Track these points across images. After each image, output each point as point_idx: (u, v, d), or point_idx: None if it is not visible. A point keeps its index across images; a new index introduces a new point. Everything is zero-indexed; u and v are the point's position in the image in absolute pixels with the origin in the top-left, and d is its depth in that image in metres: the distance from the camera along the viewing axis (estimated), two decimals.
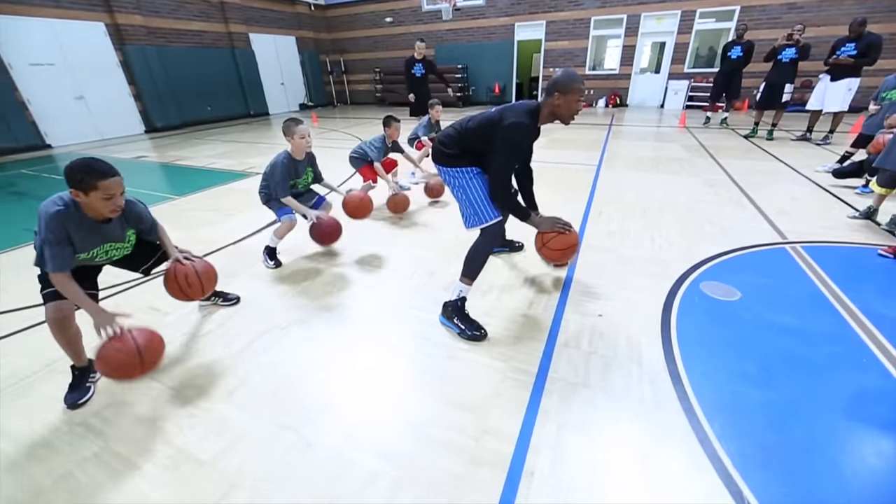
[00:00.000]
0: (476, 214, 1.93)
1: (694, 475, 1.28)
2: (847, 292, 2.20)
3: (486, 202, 1.93)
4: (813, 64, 6.69)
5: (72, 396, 1.64)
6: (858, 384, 1.61)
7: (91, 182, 1.42)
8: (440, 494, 1.24)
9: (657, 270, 2.51)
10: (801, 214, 3.32)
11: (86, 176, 1.42)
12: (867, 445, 1.36)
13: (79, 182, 1.42)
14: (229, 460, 1.37)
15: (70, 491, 1.29)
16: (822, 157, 5.10)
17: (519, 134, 1.78)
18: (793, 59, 5.91)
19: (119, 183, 1.49)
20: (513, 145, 1.80)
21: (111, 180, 1.46)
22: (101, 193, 1.45)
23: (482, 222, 1.93)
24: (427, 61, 6.38)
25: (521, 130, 1.78)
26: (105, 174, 1.45)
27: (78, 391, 1.65)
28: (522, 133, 1.79)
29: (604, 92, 11.48)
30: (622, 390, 1.61)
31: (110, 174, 1.46)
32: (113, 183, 1.47)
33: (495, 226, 1.94)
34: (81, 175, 1.41)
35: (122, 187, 1.52)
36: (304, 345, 1.97)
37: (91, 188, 1.43)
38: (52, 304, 1.54)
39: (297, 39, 13.57)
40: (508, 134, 1.77)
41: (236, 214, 3.85)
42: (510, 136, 1.77)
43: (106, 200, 1.47)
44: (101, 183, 1.43)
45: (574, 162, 5.29)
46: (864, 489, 1.22)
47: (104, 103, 8.92)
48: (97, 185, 1.43)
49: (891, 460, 1.31)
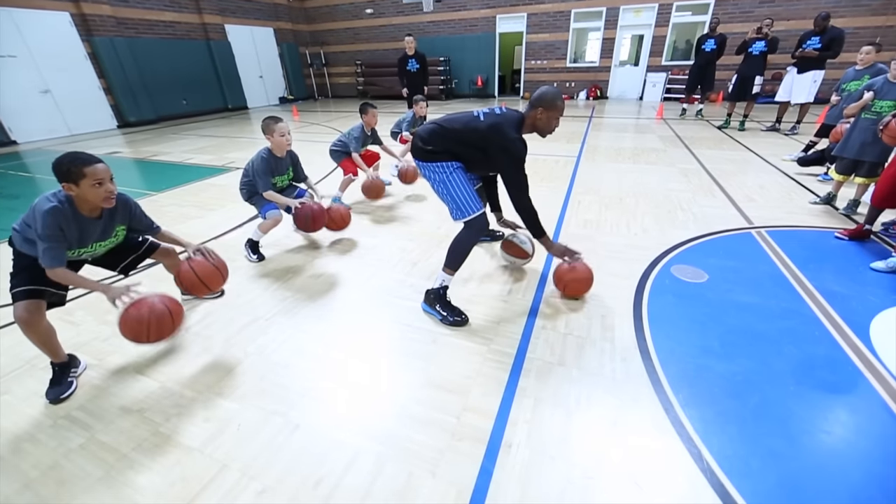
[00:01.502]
0: (459, 208, 1.98)
1: (658, 440, 1.38)
2: (804, 272, 2.36)
3: (469, 195, 1.97)
4: (782, 57, 6.95)
5: (54, 392, 1.63)
6: (809, 354, 1.74)
7: (78, 170, 1.44)
8: (423, 467, 1.31)
9: (632, 256, 2.62)
10: (766, 201, 3.49)
11: (72, 165, 1.43)
12: (813, 406, 1.49)
13: (66, 174, 1.44)
14: (218, 445, 1.41)
15: (58, 480, 1.31)
16: (790, 146, 5.33)
17: (519, 147, 1.90)
18: (762, 52, 6.13)
19: (106, 169, 1.51)
20: (519, 159, 1.91)
21: (97, 166, 1.47)
22: (90, 180, 1.46)
23: (465, 215, 1.98)
24: (419, 55, 6.36)
25: (521, 144, 1.91)
26: (90, 161, 1.47)
27: (60, 386, 1.65)
28: (522, 146, 1.91)
29: (585, 84, 11.63)
30: (595, 367, 1.71)
31: (96, 160, 1.49)
32: (100, 168, 1.48)
33: (479, 218, 1.99)
34: (68, 165, 1.43)
35: (110, 172, 1.53)
36: (289, 334, 2.00)
37: (80, 176, 1.44)
38: (20, 303, 1.53)
39: (276, 31, 13.26)
40: (514, 149, 1.88)
41: (217, 209, 3.81)
42: (516, 151, 1.89)
43: (97, 187, 1.48)
44: (88, 169, 1.44)
45: (554, 154, 5.39)
46: (809, 444, 1.34)
47: (73, 97, 8.57)
48: (85, 172, 1.44)
49: (833, 417, 1.44)
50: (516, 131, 1.91)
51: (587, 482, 1.25)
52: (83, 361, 1.81)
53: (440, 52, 12.49)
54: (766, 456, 1.31)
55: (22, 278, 1.55)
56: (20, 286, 1.53)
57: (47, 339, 1.61)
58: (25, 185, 5.06)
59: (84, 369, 1.80)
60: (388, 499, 1.22)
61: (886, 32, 8.24)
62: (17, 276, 1.56)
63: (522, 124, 1.96)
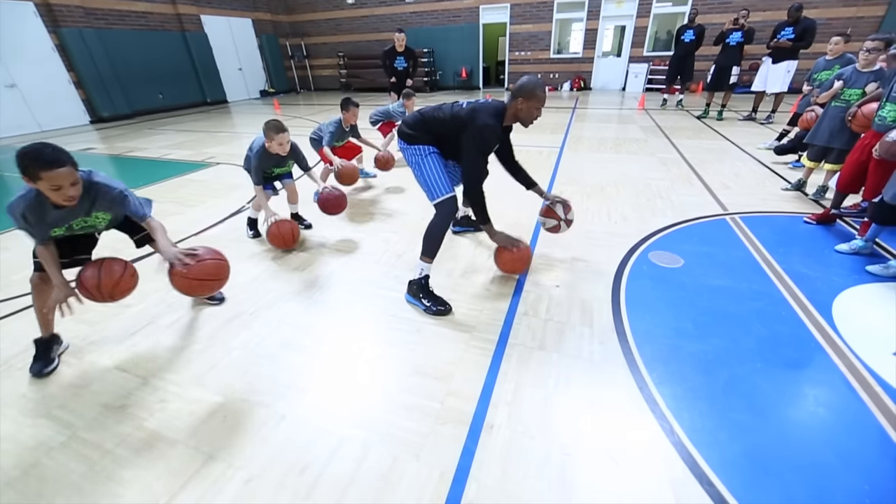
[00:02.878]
0: (430, 190, 2.05)
1: (633, 417, 1.44)
2: (774, 255, 2.46)
3: (439, 178, 2.03)
4: (758, 47, 7.11)
5: (37, 366, 1.71)
6: (775, 332, 1.83)
7: (35, 172, 1.36)
8: (408, 451, 1.34)
9: (612, 243, 2.68)
10: (741, 188, 3.60)
11: (30, 164, 1.36)
12: (778, 382, 1.57)
13: (24, 169, 1.37)
14: (204, 437, 1.42)
15: (40, 478, 1.30)
16: (765, 135, 5.49)
17: (487, 134, 1.93)
18: (739, 43, 6.26)
19: (66, 174, 1.40)
20: (482, 144, 1.95)
21: (57, 171, 1.37)
22: (47, 183, 1.38)
23: (435, 196, 2.03)
24: (408, 51, 5.88)
25: (490, 131, 1.92)
26: (51, 164, 1.36)
27: (43, 361, 1.73)
28: (490, 134, 1.93)
29: (568, 75, 11.69)
30: (574, 350, 1.76)
31: (57, 164, 1.37)
32: (59, 174, 1.38)
33: (448, 202, 2.03)
34: (27, 163, 1.36)
35: (74, 177, 1.44)
36: (273, 327, 2.01)
37: (37, 178, 1.37)
38: (36, 273, 1.69)
39: (254, 22, 12.91)
40: (479, 134, 1.91)
41: (197, 205, 3.74)
42: (480, 136, 1.92)
43: (54, 191, 1.41)
44: (45, 174, 1.36)
45: (538, 145, 5.43)
46: (774, 417, 1.42)
47: (41, 92, 8.23)
48: (41, 176, 1.36)
49: (796, 391, 1.53)
50: (495, 119, 1.95)
51: (565, 459, 1.30)
52: (65, 342, 1.86)
53: (424, 44, 12.37)
54: (733, 428, 1.39)
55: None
56: (36, 258, 1.66)
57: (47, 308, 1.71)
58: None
59: (66, 348, 1.85)
60: (373, 483, 1.25)
61: (857, 23, 8.48)
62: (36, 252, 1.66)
63: (504, 114, 2.00)
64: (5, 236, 3.23)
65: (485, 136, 1.92)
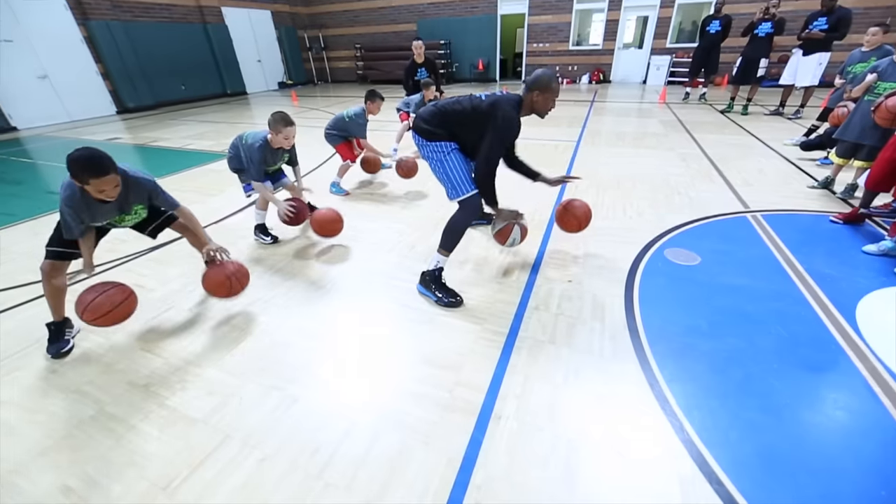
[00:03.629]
0: (454, 188, 2.03)
1: (642, 412, 1.44)
2: (796, 255, 2.38)
3: (463, 176, 2.02)
4: (789, 39, 6.81)
5: (54, 347, 1.82)
6: (794, 333, 1.78)
7: (84, 178, 1.54)
8: (416, 438, 1.37)
9: (626, 239, 2.65)
10: (764, 185, 3.49)
11: (80, 172, 1.52)
12: (795, 383, 1.54)
13: (74, 175, 1.53)
14: (221, 417, 1.48)
15: (72, 448, 1.39)
16: (792, 130, 5.28)
17: (510, 125, 1.95)
18: (768, 34, 6.00)
19: (110, 181, 1.57)
20: (505, 133, 1.96)
21: (102, 179, 1.54)
22: (94, 188, 1.56)
23: (460, 195, 2.02)
24: (429, 63, 5.39)
25: (514, 122, 1.96)
26: (98, 173, 1.53)
27: (58, 343, 1.84)
28: (513, 125, 1.96)
29: (587, 68, 11.44)
30: (585, 345, 1.76)
31: (103, 173, 1.54)
32: (104, 182, 1.55)
33: (473, 198, 2.03)
34: (77, 170, 1.52)
35: (117, 181, 1.61)
36: (288, 313, 2.06)
37: (85, 182, 1.55)
38: (48, 261, 1.78)
39: (273, 13, 13.02)
40: (503, 123, 1.92)
41: (216, 195, 3.84)
42: (504, 126, 1.93)
43: (99, 193, 1.60)
44: (93, 181, 1.54)
45: (554, 138, 5.36)
46: (789, 418, 1.40)
47: (71, 83, 8.52)
48: (89, 182, 1.54)
49: (814, 393, 1.49)
50: (515, 110, 1.97)
51: (571, 451, 1.31)
52: (76, 325, 1.95)
53: (440, 35, 12.28)
54: (746, 428, 1.37)
55: (53, 240, 1.79)
56: (50, 247, 1.79)
57: (57, 294, 1.82)
58: (27, 171, 5.09)
59: (77, 332, 1.94)
60: (382, 466, 1.29)
61: None
62: (52, 238, 1.79)
63: (521, 106, 2.01)
64: (37, 222, 3.38)
65: (507, 124, 1.94)
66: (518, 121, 1.98)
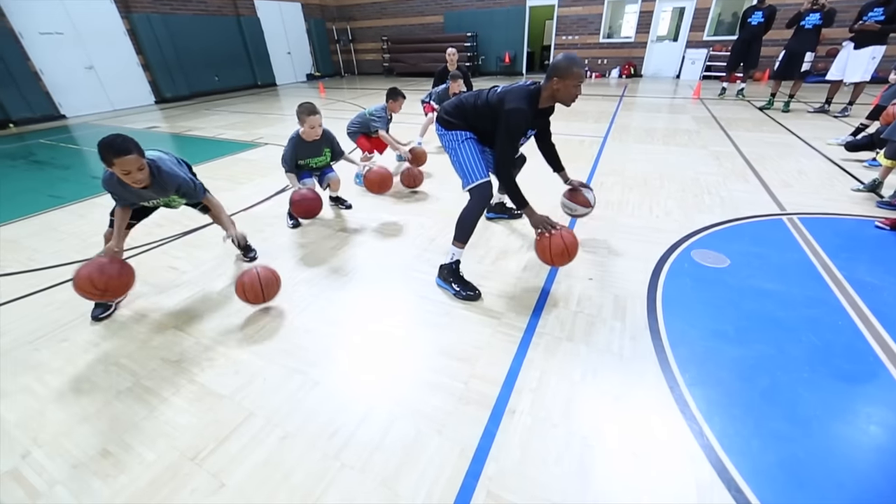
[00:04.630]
0: (465, 175, 2.05)
1: (661, 415, 1.41)
2: (836, 261, 2.26)
3: (474, 163, 2.03)
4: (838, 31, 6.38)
5: (96, 311, 2.03)
6: (829, 342, 1.70)
7: (108, 158, 1.65)
8: (431, 426, 1.40)
9: (651, 238, 2.58)
10: (804, 187, 3.31)
11: (104, 153, 1.65)
12: (827, 394, 1.47)
13: (102, 158, 1.66)
14: (246, 395, 1.55)
15: (110, 417, 1.49)
16: (838, 129, 4.97)
17: (515, 118, 1.88)
18: (816, 26, 5.64)
19: (132, 161, 1.68)
20: (511, 129, 1.91)
21: (124, 158, 1.66)
22: (118, 169, 1.68)
23: (469, 182, 2.04)
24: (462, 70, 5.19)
25: (518, 115, 1.87)
26: (119, 152, 1.65)
27: (101, 307, 2.03)
28: (519, 118, 1.88)
29: (618, 61, 11.09)
30: (604, 344, 1.74)
31: (124, 152, 1.65)
32: (124, 162, 1.66)
33: (482, 187, 2.02)
34: (102, 152, 1.65)
35: (140, 163, 1.71)
36: (311, 300, 2.13)
37: (109, 164, 1.66)
38: (110, 229, 2.04)
39: (303, 6, 13.22)
40: (508, 118, 1.88)
41: (246, 183, 3.97)
42: (509, 121, 1.89)
43: (124, 174, 1.71)
44: (116, 160, 1.66)
45: (580, 133, 5.25)
46: (817, 430, 1.34)
47: (114, 73, 8.96)
48: (113, 162, 1.65)
49: (847, 406, 1.43)
50: (525, 102, 1.88)
51: (585, 449, 1.30)
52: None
53: (467, 28, 12.16)
54: (770, 437, 1.32)
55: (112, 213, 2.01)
56: (111, 216, 2.01)
57: None
58: (74, 157, 5.41)
59: (122, 298, 2.12)
60: (396, 451, 1.32)
61: None
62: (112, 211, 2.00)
63: (538, 96, 1.93)
64: (82, 205, 3.60)
65: (512, 120, 1.87)
66: (527, 112, 1.88)
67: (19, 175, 4.65)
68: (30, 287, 2.34)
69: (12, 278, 2.46)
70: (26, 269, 2.55)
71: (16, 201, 3.76)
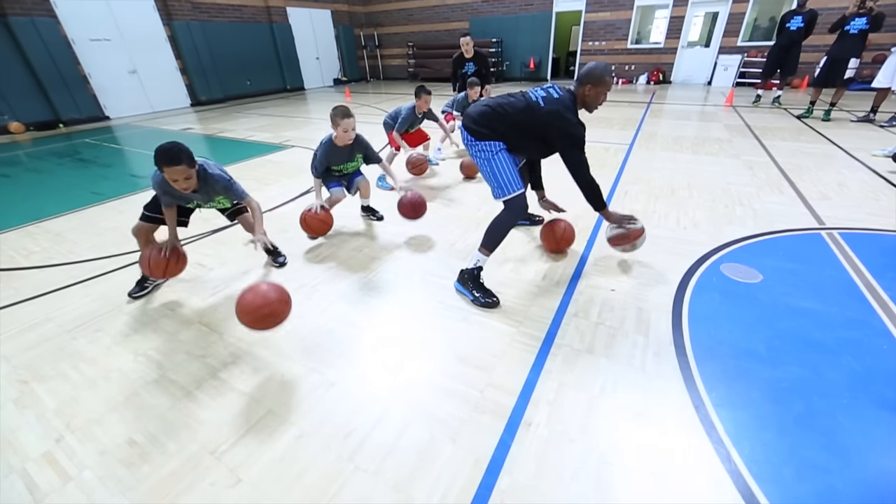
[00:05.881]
0: (500, 187, 2.02)
1: (684, 436, 1.35)
2: (880, 280, 2.12)
3: (511, 175, 2.01)
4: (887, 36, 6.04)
5: (134, 290, 2.24)
6: (871, 368, 1.59)
7: (160, 164, 1.78)
8: (445, 433, 1.39)
9: (678, 250, 2.49)
10: (845, 200, 3.13)
11: (158, 159, 1.78)
12: (869, 423, 1.37)
13: (156, 161, 1.79)
14: (265, 392, 1.58)
15: (138, 406, 1.55)
16: (885, 140, 4.69)
17: (581, 131, 1.96)
18: (862, 31, 5.36)
19: (180, 171, 1.80)
20: (579, 141, 1.97)
21: (172, 168, 1.78)
22: (168, 176, 1.81)
23: (505, 194, 2.02)
24: (478, 56, 5.29)
25: (580, 128, 1.95)
26: (169, 162, 1.77)
27: (138, 287, 2.25)
28: (582, 131, 1.96)
29: (646, 67, 10.86)
30: (625, 358, 1.68)
31: (175, 163, 1.77)
32: (173, 171, 1.79)
33: (518, 198, 2.01)
34: (157, 158, 1.78)
35: (187, 173, 1.82)
36: (330, 301, 2.16)
37: (161, 169, 1.80)
38: (138, 223, 2.19)
39: (333, 13, 13.59)
40: (575, 133, 1.94)
41: (272, 184, 4.09)
42: (577, 135, 1.95)
43: (172, 182, 1.84)
44: (166, 168, 1.79)
45: (605, 140, 5.15)
46: (857, 462, 1.25)
47: (155, 77, 9.44)
48: (164, 169, 1.79)
49: (890, 436, 1.33)
50: (574, 114, 1.95)
51: (603, 466, 1.26)
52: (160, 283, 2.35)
53: (493, 34, 12.19)
54: (804, 466, 1.24)
55: (147, 206, 2.18)
56: (144, 211, 2.18)
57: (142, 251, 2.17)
58: (116, 156, 5.72)
59: (156, 284, 2.33)
60: (410, 457, 1.31)
61: None
62: (148, 205, 2.18)
63: (576, 104, 1.98)
64: (122, 201, 3.79)
65: (579, 133, 1.95)
66: (582, 123, 1.97)
67: (65, 172, 4.95)
68: (71, 278, 2.48)
69: (57, 269, 2.61)
70: (68, 262, 2.70)
71: (62, 196, 4.01)
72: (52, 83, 7.73)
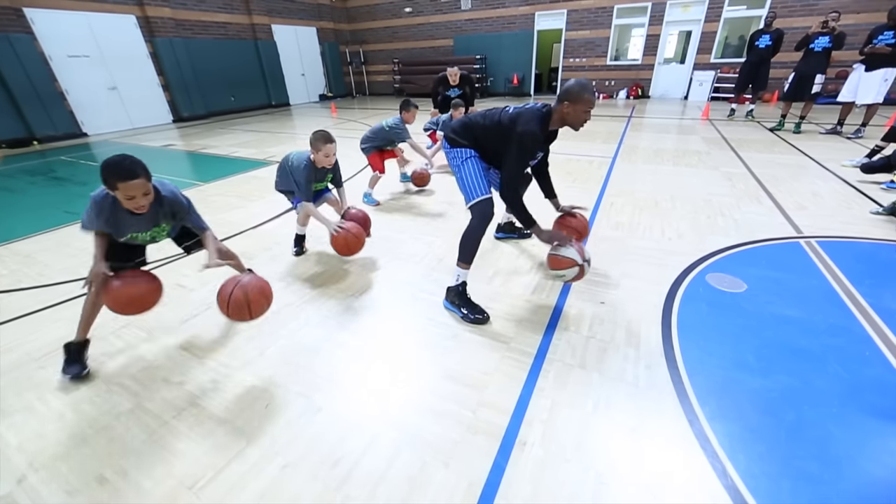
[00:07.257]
0: (466, 193, 2.06)
1: (679, 451, 1.33)
2: (858, 287, 2.18)
3: (476, 181, 2.03)
4: (848, 53, 6.39)
5: (72, 369, 1.74)
6: (857, 375, 1.61)
7: (113, 182, 1.51)
8: (437, 458, 1.34)
9: (664, 261, 2.52)
10: (820, 209, 3.24)
11: (110, 176, 1.50)
12: (859, 431, 1.38)
13: (105, 180, 1.52)
14: (248, 420, 1.51)
15: (109, 438, 1.45)
16: (852, 150, 4.90)
17: (527, 141, 1.89)
18: (826, 49, 5.66)
19: (139, 185, 1.53)
20: (523, 151, 1.92)
21: (130, 183, 1.51)
22: (122, 193, 1.53)
23: (470, 199, 2.03)
24: (464, 78, 5.38)
25: (530, 138, 1.88)
26: (126, 177, 1.50)
27: (78, 364, 1.76)
28: (531, 140, 1.90)
29: (625, 83, 11.22)
30: (617, 372, 1.67)
31: (131, 177, 1.51)
32: (132, 186, 1.52)
33: (482, 204, 2.01)
34: (107, 174, 1.51)
35: (146, 188, 1.56)
36: (317, 321, 2.10)
37: (114, 187, 1.52)
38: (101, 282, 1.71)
39: (318, 30, 13.73)
40: (521, 140, 1.89)
41: (257, 200, 4.02)
42: (521, 143, 1.89)
43: (128, 200, 1.55)
44: (121, 184, 1.51)
45: (589, 154, 5.25)
46: (851, 472, 1.25)
47: (135, 94, 9.30)
48: (118, 186, 1.51)
49: (883, 445, 1.33)
50: (538, 124, 1.89)
51: (600, 487, 1.23)
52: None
53: (476, 50, 12.46)
54: (799, 478, 1.24)
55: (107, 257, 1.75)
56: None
57: (95, 310, 1.78)
58: (93, 173, 5.55)
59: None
60: (401, 484, 1.26)
61: None
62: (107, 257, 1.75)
63: (549, 118, 1.95)
64: None
65: (524, 142, 1.88)
66: (538, 136, 1.89)
67: (38, 191, 4.78)
68: (39, 303, 2.36)
69: (24, 293, 2.48)
70: (37, 285, 2.57)
71: (34, 216, 3.85)
72: (26, 100, 7.54)
